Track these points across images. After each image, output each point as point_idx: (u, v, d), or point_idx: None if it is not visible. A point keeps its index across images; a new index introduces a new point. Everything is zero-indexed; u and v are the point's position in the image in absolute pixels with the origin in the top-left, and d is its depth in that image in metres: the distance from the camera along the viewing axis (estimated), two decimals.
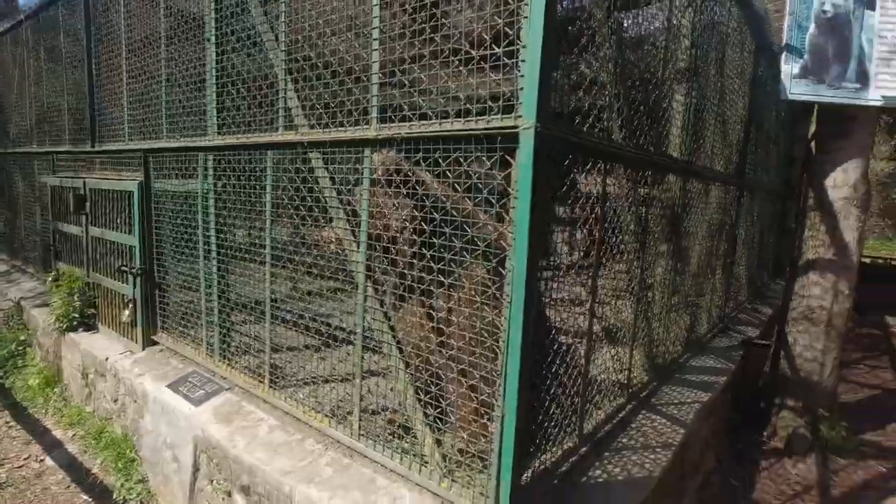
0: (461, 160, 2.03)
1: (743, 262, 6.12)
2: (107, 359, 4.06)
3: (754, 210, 6.43)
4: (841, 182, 4.26)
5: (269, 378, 3.09)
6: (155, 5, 3.73)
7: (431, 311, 2.25)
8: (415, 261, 2.19)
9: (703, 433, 3.81)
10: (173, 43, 3.62)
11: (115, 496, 3.45)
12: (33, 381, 4.90)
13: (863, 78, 3.86)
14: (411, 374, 2.30)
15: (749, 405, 5.02)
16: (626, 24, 2.73)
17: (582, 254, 2.61)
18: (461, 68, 2.04)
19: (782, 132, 7.71)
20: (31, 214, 6.36)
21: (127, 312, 4.12)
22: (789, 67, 3.92)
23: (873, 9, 3.76)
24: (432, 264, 2.13)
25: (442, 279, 2.12)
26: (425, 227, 2.15)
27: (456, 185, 2.07)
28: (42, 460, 3.92)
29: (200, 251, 3.52)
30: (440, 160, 2.07)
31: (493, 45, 1.92)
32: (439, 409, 2.22)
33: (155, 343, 4.11)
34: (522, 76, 1.81)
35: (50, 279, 5.36)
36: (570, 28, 2.21)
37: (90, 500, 3.48)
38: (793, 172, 8.34)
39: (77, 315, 4.62)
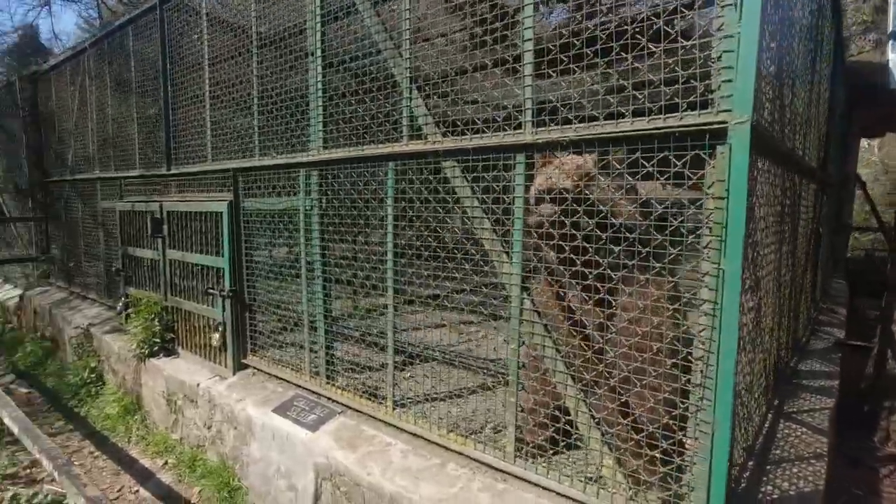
0: (642, 161, 1.91)
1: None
2: (198, 384, 3.95)
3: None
4: None
5: (392, 399, 2.95)
6: (244, 19, 3.69)
7: (606, 322, 2.11)
8: (589, 269, 2.06)
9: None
10: (266, 59, 3.56)
11: None
12: (111, 410, 4.80)
13: None
14: (583, 390, 2.16)
15: (851, 409, 4.79)
16: None
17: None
18: (638, 64, 1.92)
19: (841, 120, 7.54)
20: (92, 241, 6.34)
21: (217, 336, 4.02)
22: None
23: None
24: (608, 272, 2.00)
25: (622, 287, 1.99)
26: (599, 233, 2.02)
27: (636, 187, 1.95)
28: (136, 491, 3.80)
29: (303, 270, 3.42)
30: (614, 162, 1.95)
31: (681, 38, 1.81)
32: (619, 426, 2.07)
33: (245, 367, 4.00)
34: (728, 67, 1.69)
35: (121, 305, 5.30)
36: None
37: None
38: (847, 163, 8.12)
39: (158, 340, 4.54)
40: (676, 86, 1.83)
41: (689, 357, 1.89)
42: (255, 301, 3.92)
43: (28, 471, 4.01)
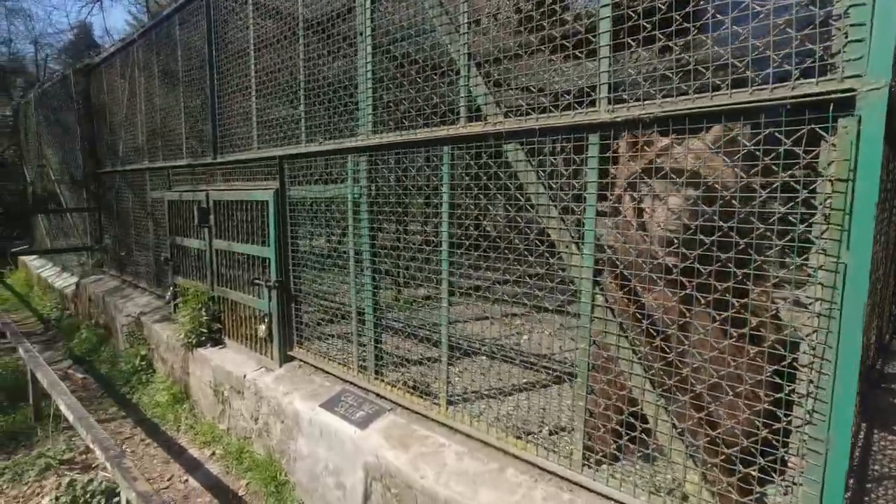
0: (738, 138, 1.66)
1: None
2: (245, 376, 3.92)
3: None
4: None
5: (446, 398, 2.80)
6: (290, 2, 3.57)
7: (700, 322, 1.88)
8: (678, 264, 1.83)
9: None
10: (312, 43, 3.43)
11: None
12: (161, 398, 4.86)
13: None
14: (664, 396, 1.94)
15: None
16: None
17: None
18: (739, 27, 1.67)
19: None
20: (142, 230, 6.45)
21: (263, 327, 3.97)
22: None
23: None
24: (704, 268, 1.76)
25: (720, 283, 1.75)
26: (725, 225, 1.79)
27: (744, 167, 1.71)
28: (186, 481, 3.80)
29: (351, 261, 3.30)
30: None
31: None
32: (707, 438, 1.84)
33: (291, 359, 3.94)
34: (859, 24, 1.43)
35: (169, 294, 5.35)
36: None
37: None
38: None
39: (205, 330, 4.54)
40: (787, 49, 1.58)
41: (794, 363, 1.65)
42: (300, 292, 3.84)
43: (84, 456, 4.08)
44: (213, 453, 4.04)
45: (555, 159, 2.17)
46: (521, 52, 2.28)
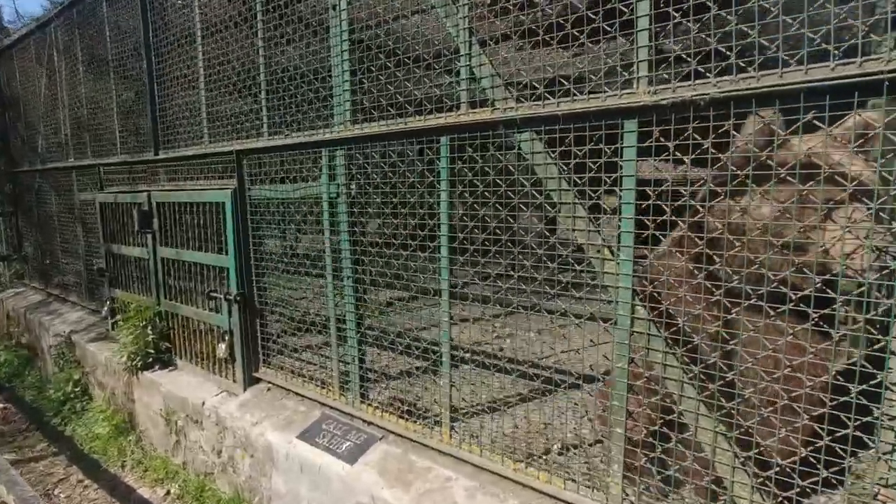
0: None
1: None
2: (203, 402, 3.42)
3: None
4: None
5: (449, 424, 2.46)
6: None
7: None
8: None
9: None
10: (274, 20, 2.97)
11: None
12: (101, 429, 4.24)
13: None
14: (726, 422, 1.69)
15: None
16: None
17: None
18: None
19: None
20: (70, 237, 5.70)
21: (223, 346, 3.48)
22: None
23: None
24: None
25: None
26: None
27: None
28: None
29: (328, 268, 2.89)
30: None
31: None
32: (771, 469, 1.61)
33: (258, 381, 3.47)
34: None
35: (106, 309, 4.71)
36: None
37: None
38: None
39: (152, 350, 3.98)
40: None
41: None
42: (266, 305, 3.39)
43: None
44: (168, 492, 3.52)
45: (578, 151, 1.87)
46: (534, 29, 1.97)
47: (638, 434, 1.89)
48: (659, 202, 1.73)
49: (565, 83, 1.90)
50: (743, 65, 1.54)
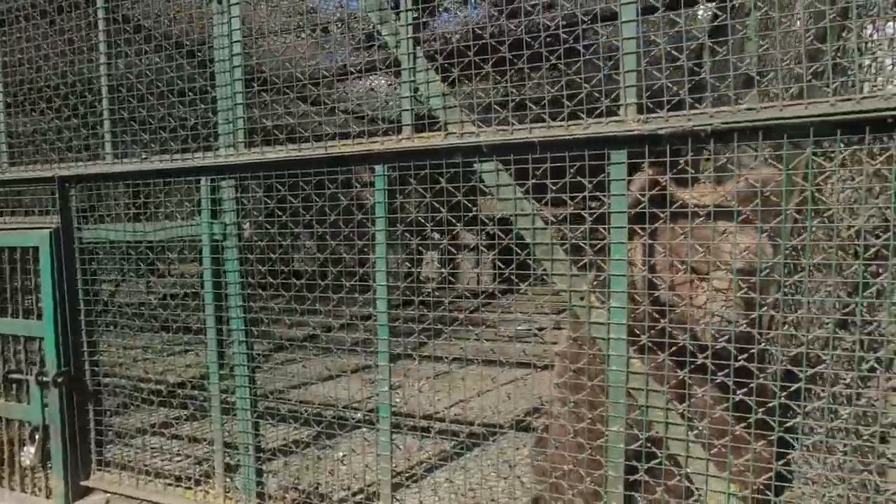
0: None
1: None
2: None
3: None
4: None
5: None
6: None
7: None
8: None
9: None
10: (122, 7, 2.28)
11: None
12: None
13: None
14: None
15: None
16: None
17: None
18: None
19: None
20: None
21: (31, 451, 2.46)
22: None
23: None
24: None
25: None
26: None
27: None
28: None
29: (211, 331, 2.20)
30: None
31: None
32: None
33: (89, 491, 2.51)
34: None
35: None
36: None
37: None
38: None
39: None
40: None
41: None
42: (103, 385, 2.50)
43: None
44: None
45: (551, 183, 1.63)
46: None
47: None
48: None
49: (534, 108, 1.68)
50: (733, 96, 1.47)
